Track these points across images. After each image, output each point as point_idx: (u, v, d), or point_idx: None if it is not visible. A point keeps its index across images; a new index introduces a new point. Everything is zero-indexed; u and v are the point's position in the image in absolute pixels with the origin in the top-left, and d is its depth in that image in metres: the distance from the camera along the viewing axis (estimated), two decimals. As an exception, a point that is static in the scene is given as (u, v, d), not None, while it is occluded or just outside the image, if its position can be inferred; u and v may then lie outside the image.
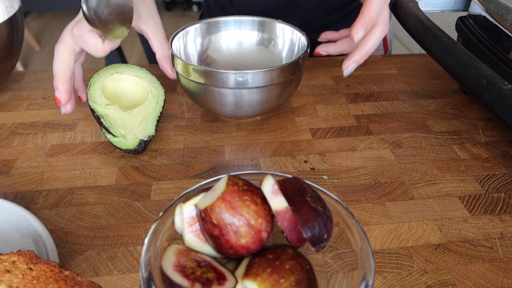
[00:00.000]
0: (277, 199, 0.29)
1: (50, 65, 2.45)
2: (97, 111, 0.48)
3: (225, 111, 0.52)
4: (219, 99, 0.50)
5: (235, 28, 0.62)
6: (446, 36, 0.47)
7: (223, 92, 0.49)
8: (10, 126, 0.55)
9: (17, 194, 0.44)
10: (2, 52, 0.56)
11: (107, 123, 0.48)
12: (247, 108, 0.51)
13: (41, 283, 0.29)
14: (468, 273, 0.37)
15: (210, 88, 0.49)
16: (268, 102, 0.51)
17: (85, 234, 0.40)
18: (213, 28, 0.61)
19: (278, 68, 0.48)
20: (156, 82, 0.53)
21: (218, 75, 0.47)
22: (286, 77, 0.49)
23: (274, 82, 0.49)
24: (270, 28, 0.61)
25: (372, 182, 0.46)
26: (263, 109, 0.52)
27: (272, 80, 0.48)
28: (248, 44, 0.63)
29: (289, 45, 0.59)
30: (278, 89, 0.50)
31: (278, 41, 0.61)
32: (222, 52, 0.62)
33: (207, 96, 0.50)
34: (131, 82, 0.53)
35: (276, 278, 0.28)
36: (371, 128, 0.55)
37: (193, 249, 0.31)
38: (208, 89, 0.49)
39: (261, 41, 0.62)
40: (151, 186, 0.46)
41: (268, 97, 0.50)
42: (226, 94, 0.49)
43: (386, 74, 0.68)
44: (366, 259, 0.29)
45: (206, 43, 0.61)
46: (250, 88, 0.48)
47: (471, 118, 0.57)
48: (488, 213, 0.42)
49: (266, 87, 0.49)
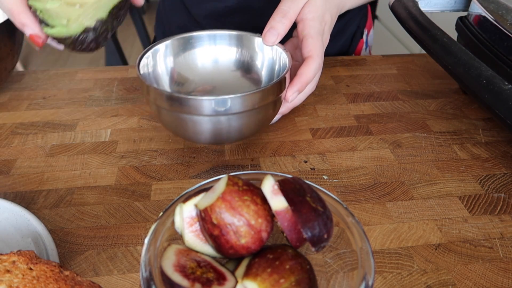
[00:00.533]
0: (277, 199, 0.29)
1: (50, 65, 2.45)
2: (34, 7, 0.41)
3: (200, 139, 0.47)
4: (193, 127, 0.44)
5: (210, 44, 0.56)
6: (446, 36, 0.47)
7: (197, 120, 0.43)
8: (10, 126, 0.55)
9: (17, 194, 0.44)
10: (2, 52, 0.56)
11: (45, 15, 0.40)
12: (225, 135, 0.46)
13: (41, 283, 0.29)
14: (468, 273, 0.37)
15: (181, 115, 0.43)
16: (249, 128, 0.46)
17: (85, 234, 0.40)
18: (185, 45, 0.55)
19: (259, 91, 0.43)
20: None
21: (191, 102, 0.42)
22: (269, 99, 0.44)
23: (255, 106, 0.43)
24: (248, 43, 0.55)
25: (372, 182, 0.46)
26: (244, 134, 0.47)
27: (253, 105, 0.43)
28: (225, 61, 0.57)
29: (269, 62, 0.54)
30: (259, 113, 0.45)
31: (257, 58, 0.55)
32: (197, 71, 0.56)
33: (179, 123, 0.45)
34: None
35: (276, 278, 0.28)
36: (371, 128, 0.55)
37: (193, 249, 0.31)
38: (180, 117, 0.44)
39: (239, 57, 0.56)
40: (151, 186, 0.46)
41: (249, 123, 0.45)
42: (200, 122, 0.44)
43: (386, 74, 0.68)
44: (366, 259, 0.29)
45: (178, 62, 0.55)
46: (229, 115, 0.43)
47: (471, 118, 0.57)
48: (488, 213, 0.42)
49: (246, 112, 0.43)
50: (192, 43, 0.55)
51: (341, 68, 0.69)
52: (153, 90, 0.43)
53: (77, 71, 0.68)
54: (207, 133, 0.45)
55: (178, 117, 0.44)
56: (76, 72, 0.68)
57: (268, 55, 0.53)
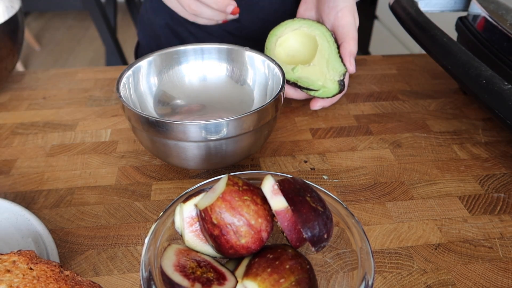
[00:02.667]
0: (277, 199, 0.29)
1: (50, 65, 2.45)
2: (289, 79, 0.50)
3: (189, 164, 0.43)
4: (183, 153, 0.41)
5: (196, 59, 0.51)
6: (446, 36, 0.47)
7: (184, 146, 0.40)
8: (10, 126, 0.55)
9: (17, 194, 0.45)
10: (2, 52, 0.56)
11: (304, 84, 0.49)
12: (216, 160, 0.42)
13: (41, 283, 0.29)
14: (468, 273, 0.37)
15: (166, 141, 0.40)
16: (243, 151, 0.43)
17: (85, 234, 0.40)
18: (170, 60, 0.51)
19: (252, 114, 0.39)
20: (313, 23, 0.52)
21: (177, 128, 0.38)
22: (263, 121, 0.41)
23: (249, 129, 0.40)
24: (238, 58, 0.51)
25: (372, 182, 0.46)
26: (236, 158, 0.44)
27: (247, 128, 0.39)
28: (214, 78, 0.52)
29: (262, 77, 0.50)
30: (252, 137, 0.41)
31: (248, 73, 0.51)
32: (183, 89, 0.52)
33: (165, 149, 0.41)
34: (293, 37, 0.53)
35: (276, 278, 0.28)
36: (371, 128, 0.55)
37: (193, 249, 0.31)
38: (165, 142, 0.40)
39: (229, 73, 0.52)
40: (151, 186, 0.46)
41: (242, 146, 0.42)
42: (188, 148, 0.40)
43: (386, 74, 0.68)
44: (366, 259, 0.29)
45: (162, 79, 0.51)
46: (219, 140, 0.39)
47: (471, 118, 0.57)
48: (488, 213, 0.42)
49: (238, 137, 0.40)
50: (177, 58, 0.51)
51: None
52: (134, 114, 0.40)
53: (77, 71, 0.68)
54: (197, 158, 0.41)
55: (163, 142, 0.40)
56: (76, 72, 0.68)
57: (260, 71, 0.50)
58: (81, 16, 3.20)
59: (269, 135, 0.46)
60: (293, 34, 0.53)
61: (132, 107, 0.40)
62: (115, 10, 2.01)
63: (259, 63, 0.50)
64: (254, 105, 0.51)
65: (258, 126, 0.41)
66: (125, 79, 0.45)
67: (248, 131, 0.40)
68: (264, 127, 0.42)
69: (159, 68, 0.50)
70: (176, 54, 0.51)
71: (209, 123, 0.37)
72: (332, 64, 0.50)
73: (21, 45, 0.62)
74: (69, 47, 2.75)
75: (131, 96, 0.46)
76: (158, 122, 0.38)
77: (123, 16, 3.09)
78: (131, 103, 0.46)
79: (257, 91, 0.51)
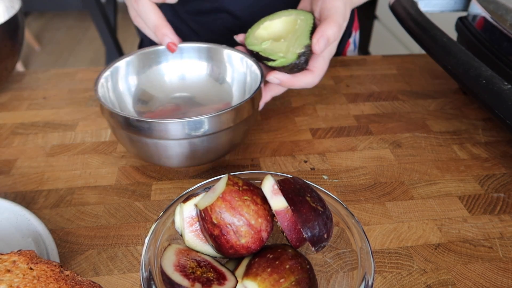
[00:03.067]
0: (277, 199, 0.29)
1: (50, 65, 2.45)
2: (254, 50, 0.48)
3: (171, 163, 0.44)
4: (163, 151, 0.41)
5: (175, 58, 0.52)
6: (446, 36, 0.47)
7: (163, 144, 0.40)
8: (10, 126, 0.55)
9: (17, 194, 0.45)
10: (2, 52, 0.56)
11: (265, 54, 0.47)
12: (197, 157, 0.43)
13: (41, 283, 0.29)
14: (468, 273, 0.37)
15: (145, 140, 0.40)
16: (222, 148, 0.44)
17: (86, 234, 0.40)
18: (148, 60, 0.51)
19: (231, 110, 0.40)
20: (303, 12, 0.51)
21: (155, 126, 0.39)
22: (242, 116, 0.42)
23: (229, 125, 0.41)
24: (217, 56, 0.52)
25: (372, 182, 0.46)
26: (215, 155, 0.44)
27: (227, 123, 0.40)
28: (193, 76, 0.53)
29: (240, 75, 0.51)
30: (230, 133, 0.42)
31: (226, 71, 0.52)
32: (163, 87, 0.53)
33: (144, 147, 0.42)
34: (280, 22, 0.51)
35: (276, 278, 0.28)
36: (371, 128, 0.55)
37: (193, 249, 0.31)
38: (144, 141, 0.41)
39: (209, 72, 0.53)
40: (151, 186, 0.46)
41: (221, 143, 0.43)
42: (168, 146, 0.41)
43: (386, 74, 0.68)
44: (366, 259, 0.29)
45: (142, 78, 0.51)
46: (199, 137, 0.40)
47: (471, 118, 0.57)
48: (487, 213, 0.43)
49: (217, 133, 0.41)
50: (156, 57, 0.52)
51: (341, 68, 0.69)
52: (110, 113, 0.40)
53: (78, 71, 0.68)
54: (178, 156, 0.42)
55: (143, 141, 0.41)
56: (76, 72, 0.68)
57: (239, 68, 0.51)
58: (81, 16, 3.20)
59: (249, 131, 0.47)
60: (280, 20, 0.52)
61: (110, 107, 0.40)
62: (115, 10, 2.01)
63: (237, 61, 0.51)
64: (233, 102, 0.52)
65: (237, 123, 0.42)
66: (103, 79, 0.46)
67: (227, 127, 0.41)
68: (242, 124, 0.43)
69: (139, 67, 0.51)
70: (154, 54, 0.51)
71: (187, 121, 0.38)
72: (300, 40, 0.47)
73: (21, 45, 0.62)
74: (69, 47, 2.75)
75: (109, 97, 0.47)
76: (136, 121, 0.39)
77: (123, 16, 3.09)
78: (110, 103, 0.46)
79: (236, 88, 0.52)
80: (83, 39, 2.88)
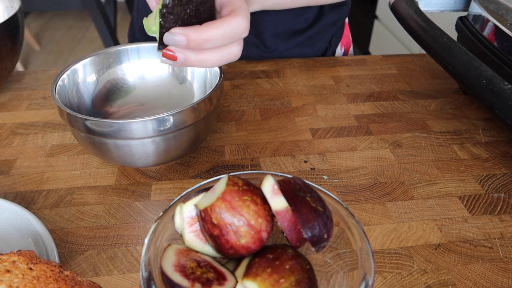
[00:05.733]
0: (277, 199, 0.29)
1: (50, 65, 2.45)
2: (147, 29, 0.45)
3: (135, 163, 0.44)
4: (124, 151, 0.41)
5: (133, 59, 0.52)
6: (446, 36, 0.47)
7: (124, 144, 0.40)
8: (10, 126, 0.55)
9: (17, 194, 0.44)
10: (2, 52, 0.56)
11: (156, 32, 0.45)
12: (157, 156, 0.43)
13: (41, 283, 0.29)
14: (468, 273, 0.37)
15: (105, 140, 0.40)
16: (183, 146, 0.44)
17: (85, 234, 0.40)
18: (106, 61, 0.51)
19: (190, 107, 0.40)
20: None
21: (116, 126, 0.39)
22: (202, 114, 0.42)
23: (187, 123, 0.41)
24: None
25: (372, 182, 0.46)
26: (176, 154, 0.44)
27: (185, 122, 0.41)
28: (152, 76, 0.53)
29: (200, 72, 0.52)
30: (192, 130, 0.43)
31: (187, 70, 0.53)
32: (123, 89, 0.53)
33: (103, 148, 0.42)
34: None
35: (276, 278, 0.28)
36: (371, 128, 0.55)
37: (193, 249, 0.31)
38: (104, 142, 0.40)
39: (170, 71, 0.54)
40: (151, 186, 0.46)
41: (183, 141, 0.43)
42: (129, 145, 0.41)
43: (386, 74, 0.68)
44: (366, 259, 0.29)
45: (101, 80, 0.51)
46: (157, 136, 0.40)
47: (471, 118, 0.57)
48: (488, 213, 0.42)
49: (177, 131, 0.41)
50: (114, 59, 0.52)
51: (341, 68, 0.69)
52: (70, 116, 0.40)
53: (77, 71, 0.68)
54: (139, 154, 0.42)
55: (102, 142, 0.40)
56: (76, 72, 0.68)
57: None
58: (81, 16, 3.20)
59: (209, 130, 0.47)
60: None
61: (69, 110, 0.40)
62: (115, 10, 2.01)
63: None
64: (194, 100, 0.52)
65: (196, 120, 0.42)
66: (60, 81, 0.46)
67: (186, 125, 0.41)
68: (201, 122, 0.43)
69: (97, 68, 0.51)
70: (112, 56, 0.52)
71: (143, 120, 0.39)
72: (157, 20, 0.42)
73: (21, 45, 0.62)
74: (69, 47, 2.75)
75: (69, 100, 0.47)
76: (93, 122, 0.39)
77: (123, 16, 3.09)
78: (69, 106, 0.46)
79: (196, 86, 0.53)
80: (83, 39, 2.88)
